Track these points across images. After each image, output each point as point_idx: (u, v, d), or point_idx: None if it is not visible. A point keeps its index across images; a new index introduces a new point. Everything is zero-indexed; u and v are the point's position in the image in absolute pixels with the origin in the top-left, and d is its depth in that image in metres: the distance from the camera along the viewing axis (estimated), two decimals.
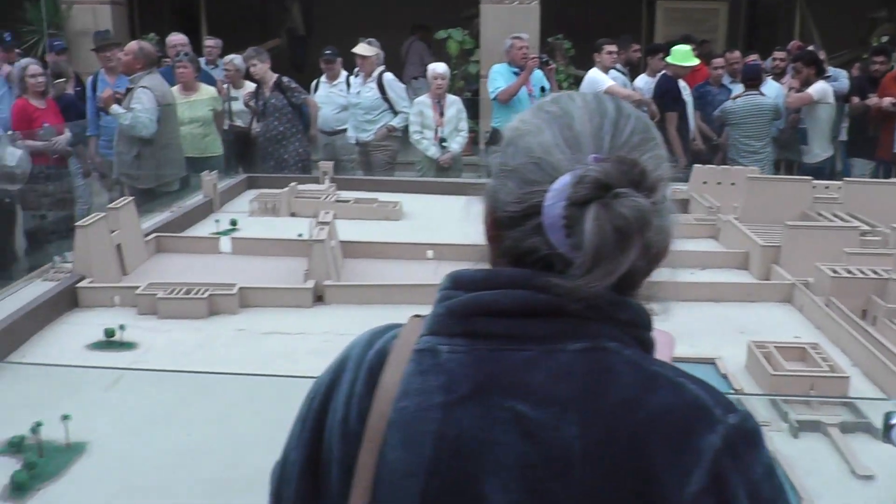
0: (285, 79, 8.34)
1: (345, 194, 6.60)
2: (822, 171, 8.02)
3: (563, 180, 1.02)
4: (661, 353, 1.20)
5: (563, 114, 1.10)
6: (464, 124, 8.30)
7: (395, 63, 10.96)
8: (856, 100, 8.89)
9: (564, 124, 1.08)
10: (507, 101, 8.18)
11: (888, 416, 1.66)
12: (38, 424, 2.67)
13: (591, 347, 1.04)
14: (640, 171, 1.01)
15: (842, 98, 8.97)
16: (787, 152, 8.85)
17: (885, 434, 1.70)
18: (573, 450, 0.98)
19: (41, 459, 2.63)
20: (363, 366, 1.14)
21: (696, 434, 0.98)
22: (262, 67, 8.29)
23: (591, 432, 0.99)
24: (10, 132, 6.80)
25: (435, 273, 4.76)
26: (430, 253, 5.01)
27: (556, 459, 0.99)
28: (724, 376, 3.35)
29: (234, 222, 5.81)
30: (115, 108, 6.97)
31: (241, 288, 4.13)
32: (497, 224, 1.11)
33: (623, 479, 0.97)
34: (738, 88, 8.72)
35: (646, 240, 1.00)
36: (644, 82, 9.00)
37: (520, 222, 1.07)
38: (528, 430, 1.01)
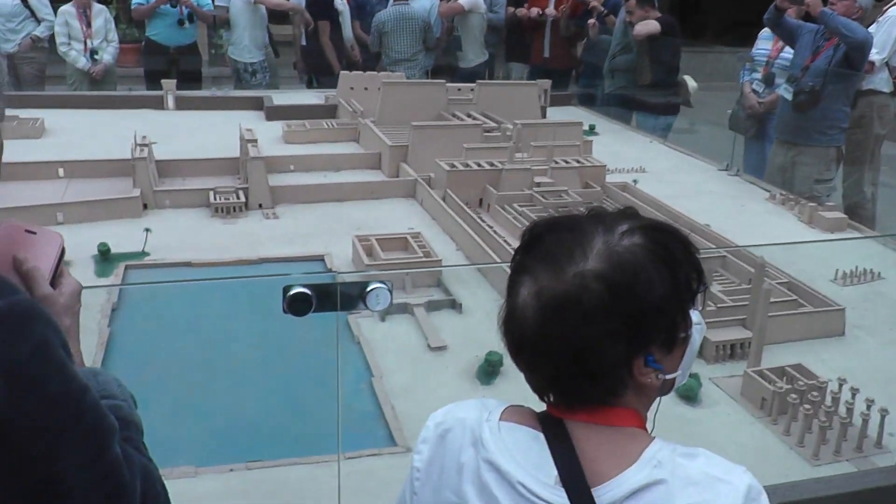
0: None
1: None
2: (478, 74, 8.46)
3: None
4: (42, 252, 1.21)
5: None
6: (114, 34, 7.94)
7: None
8: (511, 10, 9.37)
9: None
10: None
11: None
12: None
13: None
14: None
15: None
16: (447, 58, 9.23)
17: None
18: None
19: None
20: None
21: None
22: None
23: None
24: None
25: (65, 192, 4.60)
26: (60, 171, 4.82)
27: None
28: (331, 270, 3.55)
29: None
30: None
31: None
32: None
33: None
34: None
35: None
36: None
37: None
38: None
